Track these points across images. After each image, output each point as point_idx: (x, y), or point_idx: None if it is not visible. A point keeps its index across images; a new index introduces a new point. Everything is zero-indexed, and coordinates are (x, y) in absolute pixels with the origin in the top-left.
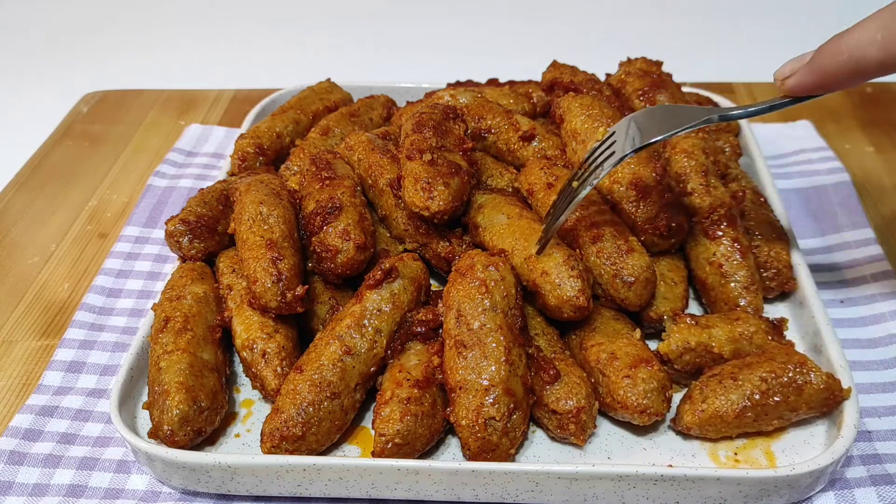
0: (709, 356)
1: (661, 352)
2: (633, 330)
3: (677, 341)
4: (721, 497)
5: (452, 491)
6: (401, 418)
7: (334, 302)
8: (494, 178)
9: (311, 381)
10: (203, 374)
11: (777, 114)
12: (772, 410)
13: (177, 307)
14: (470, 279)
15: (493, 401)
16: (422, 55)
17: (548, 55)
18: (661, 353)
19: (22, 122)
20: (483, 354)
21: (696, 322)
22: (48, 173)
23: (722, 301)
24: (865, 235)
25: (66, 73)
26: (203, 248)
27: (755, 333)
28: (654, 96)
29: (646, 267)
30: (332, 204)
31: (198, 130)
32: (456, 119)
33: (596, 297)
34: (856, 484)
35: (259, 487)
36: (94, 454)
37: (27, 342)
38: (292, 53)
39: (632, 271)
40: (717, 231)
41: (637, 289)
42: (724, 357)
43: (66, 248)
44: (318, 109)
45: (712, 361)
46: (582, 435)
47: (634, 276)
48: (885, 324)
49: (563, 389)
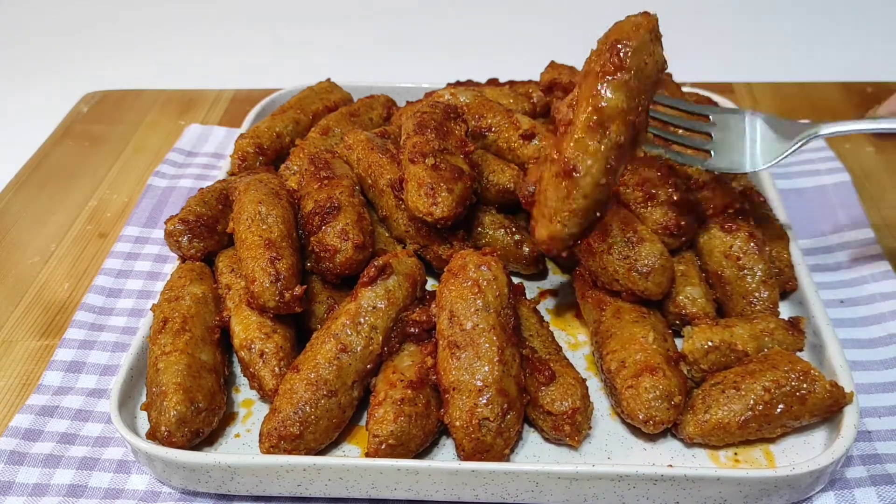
0: (733, 354)
1: (685, 352)
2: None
3: (700, 340)
4: (721, 497)
5: (452, 491)
6: (394, 419)
7: (332, 301)
8: (496, 174)
9: (308, 380)
10: (201, 375)
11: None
12: (775, 420)
13: (175, 308)
14: (462, 279)
15: (486, 401)
16: (422, 55)
17: (548, 55)
18: (686, 353)
19: (22, 122)
20: (476, 355)
21: (716, 322)
22: (48, 173)
23: (739, 295)
24: (865, 235)
25: (66, 73)
26: (202, 248)
27: (775, 330)
28: None
29: (659, 254)
30: (330, 204)
31: (198, 130)
32: (457, 119)
33: (618, 293)
34: (856, 484)
35: (259, 487)
36: (94, 454)
37: (27, 342)
38: (292, 53)
39: (646, 261)
40: (733, 224)
41: (655, 277)
42: (748, 354)
43: (66, 248)
44: (318, 109)
45: (736, 360)
46: (577, 436)
47: (649, 265)
48: (885, 324)
49: (558, 390)
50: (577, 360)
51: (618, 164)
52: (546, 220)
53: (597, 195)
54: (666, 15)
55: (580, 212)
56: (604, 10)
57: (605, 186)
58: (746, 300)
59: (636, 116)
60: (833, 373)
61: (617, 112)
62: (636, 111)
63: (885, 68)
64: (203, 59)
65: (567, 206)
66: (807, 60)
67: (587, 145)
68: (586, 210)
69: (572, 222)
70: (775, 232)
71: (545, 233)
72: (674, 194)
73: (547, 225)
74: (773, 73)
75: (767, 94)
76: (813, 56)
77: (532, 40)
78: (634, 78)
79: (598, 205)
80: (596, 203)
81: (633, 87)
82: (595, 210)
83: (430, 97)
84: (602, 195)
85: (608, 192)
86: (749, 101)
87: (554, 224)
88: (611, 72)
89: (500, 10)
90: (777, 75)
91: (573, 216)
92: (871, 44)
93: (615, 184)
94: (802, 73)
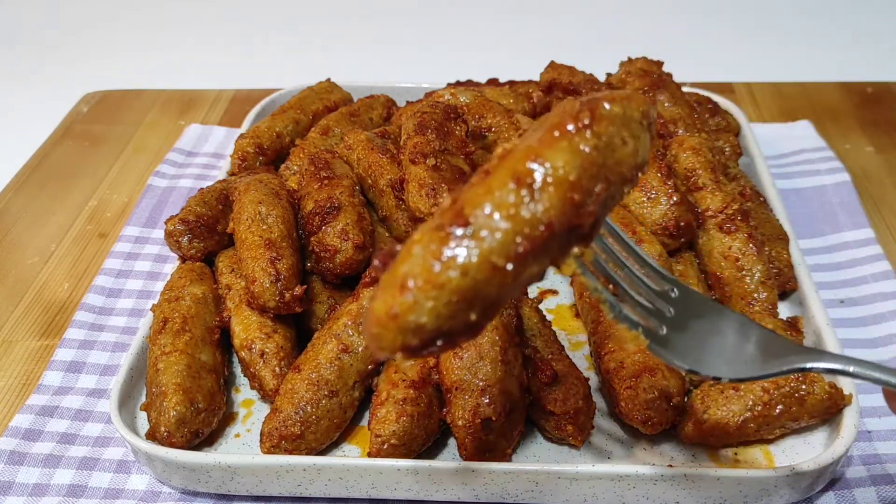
0: None
1: None
2: None
3: None
4: (721, 497)
5: (452, 491)
6: (397, 419)
7: (333, 301)
8: None
9: (309, 380)
10: (201, 376)
11: (777, 114)
12: (774, 421)
13: (175, 308)
14: None
15: (489, 401)
16: (422, 55)
17: (548, 55)
18: None
19: (22, 122)
20: (479, 354)
21: None
22: (48, 173)
23: (738, 296)
24: (865, 235)
25: (66, 73)
26: (202, 248)
27: (774, 330)
28: (654, 96)
29: (657, 256)
30: (330, 204)
31: (198, 130)
32: (457, 119)
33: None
34: (856, 484)
35: (259, 487)
36: (94, 454)
37: (27, 342)
38: (292, 53)
39: None
40: (732, 226)
41: None
42: None
43: (66, 248)
44: (318, 109)
45: None
46: (580, 436)
47: None
48: (885, 324)
49: (560, 390)
50: (578, 360)
51: (533, 253)
52: (393, 288)
53: (484, 280)
54: (666, 15)
55: (451, 291)
56: (604, 10)
57: (502, 275)
58: (745, 301)
59: (581, 206)
60: None
61: (558, 180)
62: (584, 197)
63: (885, 68)
64: (203, 59)
65: (434, 277)
66: (807, 60)
67: (502, 201)
68: (460, 293)
69: (430, 305)
70: (775, 232)
71: (383, 308)
72: (673, 195)
73: (391, 296)
74: (773, 73)
75: (767, 94)
76: (813, 56)
77: (532, 40)
78: (599, 151)
79: (478, 296)
80: (476, 293)
81: (591, 161)
82: (471, 304)
83: (430, 97)
84: (492, 286)
85: (502, 289)
86: (749, 101)
87: (403, 296)
88: (571, 127)
89: (500, 10)
90: (777, 75)
91: (438, 293)
92: (872, 44)
93: (514, 283)
94: (802, 73)
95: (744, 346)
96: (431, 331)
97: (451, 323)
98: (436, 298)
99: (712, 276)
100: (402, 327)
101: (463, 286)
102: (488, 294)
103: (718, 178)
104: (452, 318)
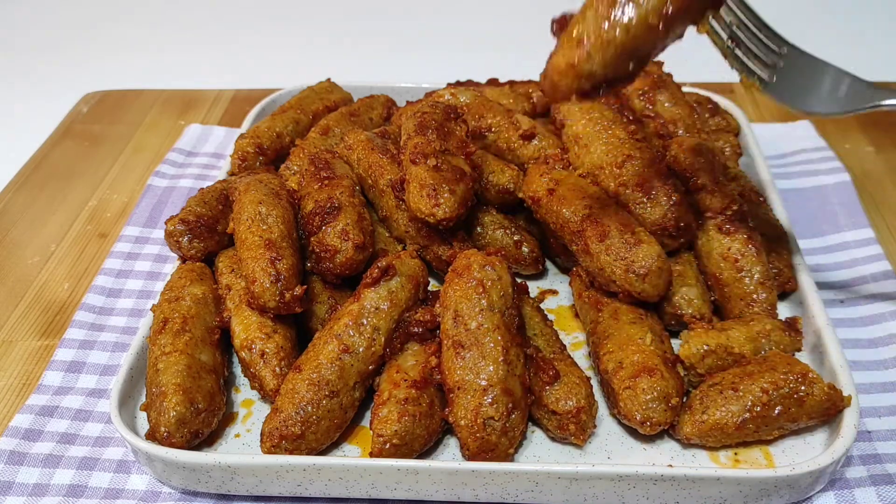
0: (730, 357)
1: (682, 357)
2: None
3: (696, 345)
4: (721, 497)
5: (452, 491)
6: (398, 419)
7: (333, 302)
8: (496, 174)
9: (310, 381)
10: (201, 376)
11: (777, 114)
12: (772, 422)
13: (175, 308)
14: (467, 279)
15: (491, 401)
16: (422, 55)
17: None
18: (683, 358)
19: (22, 122)
20: (481, 354)
21: (711, 326)
22: (48, 173)
23: (737, 297)
24: (865, 235)
25: (66, 73)
26: (202, 248)
27: (772, 331)
28: (654, 96)
29: (656, 256)
30: (330, 204)
31: (198, 130)
32: (457, 119)
33: (614, 294)
34: (856, 484)
35: (259, 487)
36: (94, 454)
37: (27, 342)
38: (292, 53)
39: (643, 263)
40: (731, 227)
41: (651, 279)
42: (745, 357)
43: (66, 248)
44: (318, 109)
45: (734, 363)
46: (582, 435)
47: (646, 267)
48: (885, 324)
49: (562, 390)
50: (579, 360)
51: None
52: (571, 45)
53: (641, 37)
54: None
55: (614, 46)
56: None
57: (654, 33)
58: (744, 302)
59: None
60: (833, 373)
61: None
62: None
63: (885, 68)
64: (203, 59)
65: (603, 35)
66: None
67: None
68: (623, 47)
69: (600, 56)
70: (775, 232)
71: (563, 61)
72: (673, 195)
73: (570, 51)
74: None
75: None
76: None
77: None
78: None
79: (636, 50)
80: (635, 46)
81: None
82: (631, 56)
83: (430, 97)
84: (646, 41)
85: (654, 44)
86: (749, 101)
87: (580, 50)
88: None
89: (500, 9)
90: None
91: (605, 48)
92: (872, 44)
93: (664, 40)
94: None
95: (837, 90)
96: (600, 77)
97: (616, 71)
98: (604, 51)
99: (711, 277)
100: (578, 74)
101: (626, 41)
102: (644, 48)
103: (718, 178)
104: (616, 67)
